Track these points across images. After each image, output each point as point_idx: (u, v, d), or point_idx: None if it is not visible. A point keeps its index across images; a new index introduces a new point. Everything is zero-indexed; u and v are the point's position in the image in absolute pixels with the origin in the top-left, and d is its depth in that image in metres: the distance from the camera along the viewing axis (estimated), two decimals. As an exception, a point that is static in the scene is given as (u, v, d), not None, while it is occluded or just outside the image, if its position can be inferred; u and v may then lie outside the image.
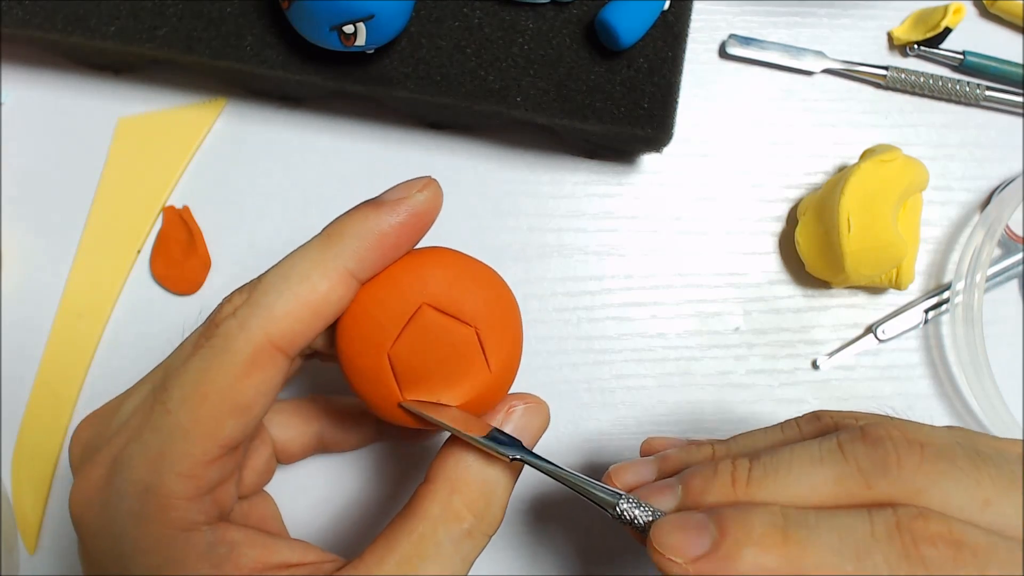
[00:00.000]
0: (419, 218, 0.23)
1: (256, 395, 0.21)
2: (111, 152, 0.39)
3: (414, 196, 0.23)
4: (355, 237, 0.22)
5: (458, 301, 0.23)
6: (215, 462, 0.21)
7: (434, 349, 0.23)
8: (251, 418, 0.22)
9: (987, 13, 0.41)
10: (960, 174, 0.40)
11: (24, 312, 0.37)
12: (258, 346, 0.21)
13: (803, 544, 0.19)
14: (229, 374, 0.21)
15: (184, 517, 0.21)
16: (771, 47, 0.40)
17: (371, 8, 0.31)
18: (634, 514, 0.22)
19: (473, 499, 0.22)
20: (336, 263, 0.22)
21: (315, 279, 0.21)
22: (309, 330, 0.22)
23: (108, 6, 0.35)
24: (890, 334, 0.38)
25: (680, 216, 0.39)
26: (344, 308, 0.23)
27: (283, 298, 0.21)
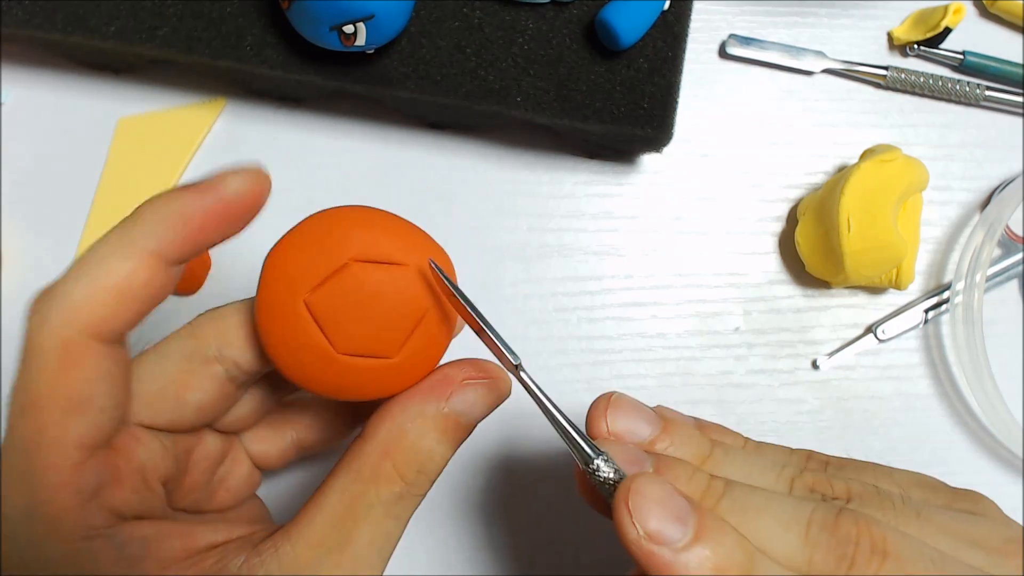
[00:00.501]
0: (231, 205, 0.22)
1: (86, 388, 0.20)
2: (111, 152, 0.39)
3: (228, 182, 0.22)
4: (158, 219, 0.21)
5: (387, 247, 0.23)
6: (83, 465, 0.20)
7: (364, 298, 0.22)
8: (97, 412, 0.20)
9: (987, 13, 0.41)
10: (960, 174, 0.40)
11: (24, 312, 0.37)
12: (64, 338, 0.20)
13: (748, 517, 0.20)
14: (46, 374, 0.20)
15: (77, 527, 0.20)
16: (771, 47, 0.40)
17: (371, 8, 0.31)
18: (606, 476, 0.21)
19: (405, 465, 0.22)
20: (136, 244, 0.21)
21: (112, 262, 0.21)
22: (119, 313, 0.21)
23: (108, 6, 0.35)
24: (890, 334, 0.38)
25: (680, 216, 0.39)
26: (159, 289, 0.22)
27: (79, 285, 0.20)
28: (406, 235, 0.24)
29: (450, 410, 0.23)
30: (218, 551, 0.22)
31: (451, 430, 0.23)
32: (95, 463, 0.21)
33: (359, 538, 0.21)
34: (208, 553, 0.22)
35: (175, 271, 0.22)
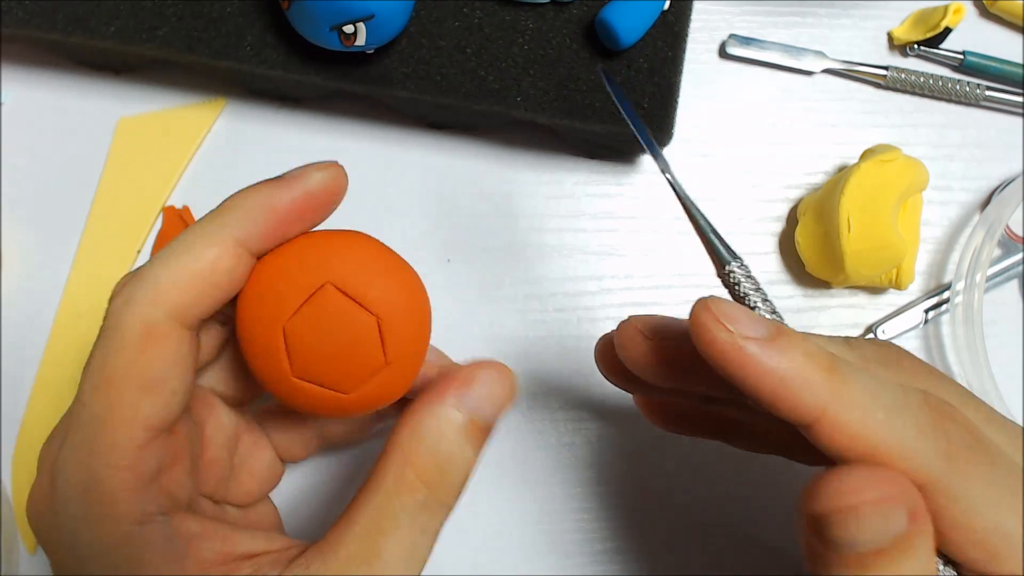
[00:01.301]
0: (314, 197, 0.23)
1: (163, 370, 0.21)
2: (111, 152, 0.39)
3: (311, 175, 0.23)
4: (245, 209, 0.22)
5: (364, 286, 0.23)
6: (147, 447, 0.21)
7: (332, 332, 0.22)
8: (169, 394, 0.21)
9: (987, 13, 0.41)
10: (960, 174, 0.40)
11: (24, 312, 0.37)
12: (148, 319, 0.21)
13: (845, 377, 0.20)
14: (126, 353, 0.20)
15: (133, 510, 0.20)
16: (771, 47, 0.40)
17: (371, 8, 0.31)
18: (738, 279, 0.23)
19: (426, 470, 0.22)
20: (223, 233, 0.22)
21: (200, 248, 0.21)
22: (203, 300, 0.21)
23: (108, 6, 0.35)
24: (890, 334, 0.38)
25: (680, 216, 0.39)
26: (239, 279, 0.22)
27: (167, 269, 0.21)
28: (387, 278, 0.24)
29: (463, 407, 0.23)
30: (253, 562, 0.22)
31: (468, 430, 0.23)
32: (158, 445, 0.21)
33: (386, 552, 0.21)
34: (243, 562, 0.22)
35: (253, 260, 0.23)
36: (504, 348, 0.38)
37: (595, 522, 0.36)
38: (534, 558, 0.36)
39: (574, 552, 0.36)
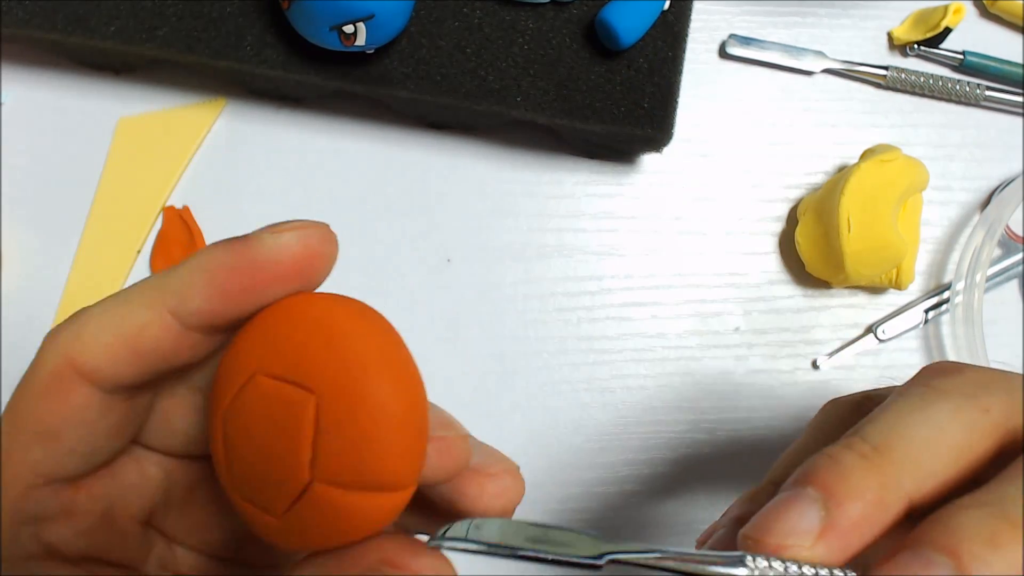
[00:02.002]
0: (266, 269, 0.18)
1: (60, 422, 0.19)
2: (111, 152, 0.39)
3: (265, 240, 0.19)
4: (188, 274, 0.19)
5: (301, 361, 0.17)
6: (32, 491, 0.19)
7: (265, 428, 0.17)
8: (66, 452, 0.19)
9: (987, 13, 0.41)
10: (960, 174, 0.40)
11: (24, 312, 0.37)
12: (57, 367, 0.19)
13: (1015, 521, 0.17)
14: (31, 395, 0.19)
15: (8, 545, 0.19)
16: (771, 47, 0.40)
17: (371, 8, 0.31)
18: None
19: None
20: (158, 297, 0.19)
21: (134, 309, 0.19)
22: (121, 364, 0.19)
23: (108, 6, 0.35)
24: (890, 334, 0.38)
25: (680, 216, 0.39)
26: (170, 352, 0.19)
27: (95, 322, 0.19)
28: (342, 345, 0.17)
29: None
30: None
31: None
32: (47, 494, 0.20)
33: None
34: None
35: (196, 337, 0.19)
36: (504, 348, 0.38)
37: (595, 522, 0.36)
38: (534, 558, 0.36)
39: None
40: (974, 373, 0.21)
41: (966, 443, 0.19)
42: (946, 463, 0.19)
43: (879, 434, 0.19)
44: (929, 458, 0.19)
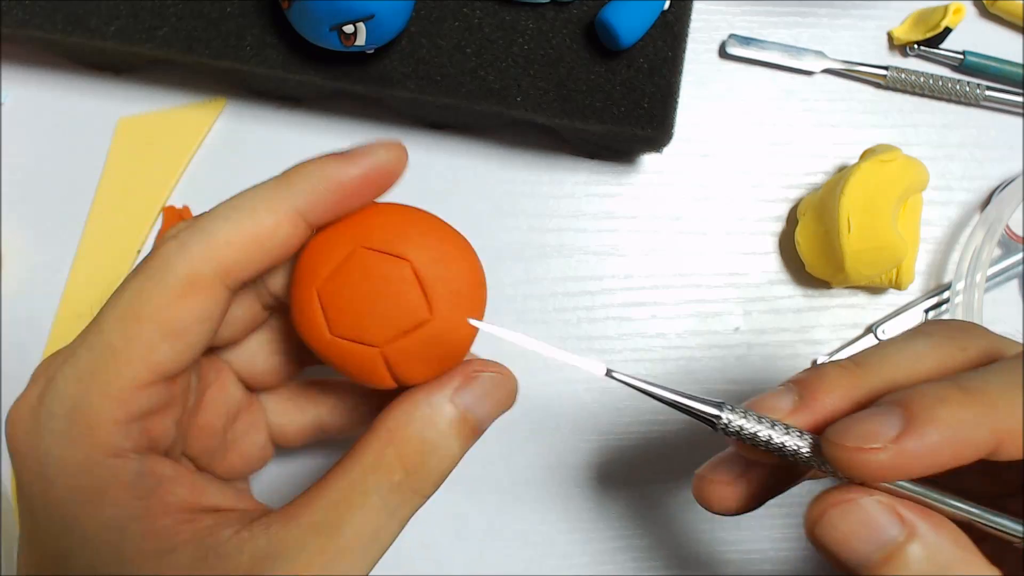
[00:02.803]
0: (378, 174, 0.23)
1: (191, 321, 0.21)
2: (111, 152, 0.39)
3: (377, 152, 0.23)
4: (310, 180, 0.22)
5: (395, 239, 0.23)
6: (146, 388, 0.21)
7: (368, 287, 0.22)
8: (186, 345, 0.21)
9: (987, 13, 0.41)
10: (960, 174, 0.40)
11: (24, 312, 0.37)
12: (196, 269, 0.21)
13: (983, 389, 0.19)
14: (164, 295, 0.21)
15: (110, 441, 0.20)
16: (771, 47, 0.40)
17: (371, 8, 0.31)
18: (739, 424, 0.21)
19: (407, 453, 0.22)
20: (286, 202, 0.22)
21: (262, 213, 0.21)
22: (251, 263, 0.21)
23: (108, 6, 0.35)
24: (890, 334, 0.38)
25: (680, 216, 0.39)
26: (291, 249, 0.23)
27: (227, 226, 0.21)
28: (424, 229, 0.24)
29: (459, 402, 0.22)
30: (217, 516, 0.22)
31: (458, 424, 0.22)
32: (157, 390, 0.21)
33: (348, 527, 0.21)
34: (207, 514, 0.21)
35: (307, 233, 0.23)
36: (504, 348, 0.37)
37: (594, 522, 0.36)
38: (533, 558, 0.36)
39: (574, 552, 0.36)
40: (959, 323, 0.23)
41: (939, 367, 0.22)
42: (915, 377, 0.21)
43: (862, 355, 0.22)
44: (902, 373, 0.22)
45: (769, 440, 0.21)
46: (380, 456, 0.22)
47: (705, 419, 0.21)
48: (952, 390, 0.19)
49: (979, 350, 0.22)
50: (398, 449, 0.22)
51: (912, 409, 0.19)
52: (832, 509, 0.20)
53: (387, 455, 0.21)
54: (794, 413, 0.21)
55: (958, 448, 0.19)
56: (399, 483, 0.21)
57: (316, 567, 0.20)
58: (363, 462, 0.22)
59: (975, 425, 0.19)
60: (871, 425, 0.19)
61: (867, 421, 0.19)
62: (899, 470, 0.19)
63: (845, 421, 0.20)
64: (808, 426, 0.21)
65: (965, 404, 0.19)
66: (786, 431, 0.21)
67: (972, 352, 0.22)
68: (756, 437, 0.21)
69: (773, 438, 0.21)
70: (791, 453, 0.21)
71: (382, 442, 0.22)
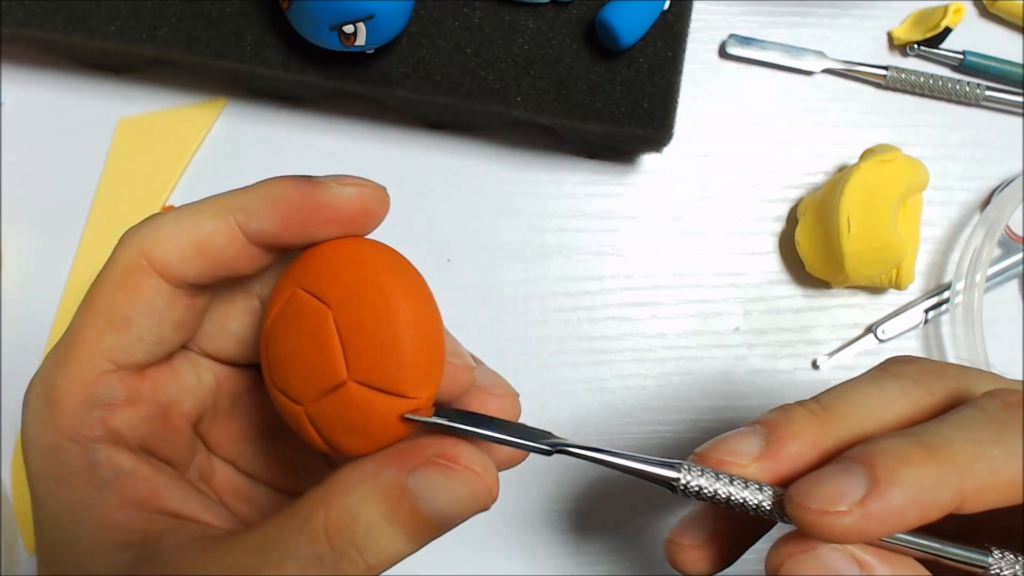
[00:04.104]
0: (321, 207, 0.21)
1: (133, 312, 0.21)
2: (111, 152, 0.39)
3: (332, 187, 0.22)
4: (258, 196, 0.22)
5: (325, 280, 0.20)
6: (104, 376, 0.21)
7: (296, 334, 0.20)
8: (135, 337, 0.21)
9: (987, 13, 0.41)
10: (960, 174, 0.40)
11: (24, 311, 0.37)
12: (132, 261, 0.21)
13: (946, 446, 0.19)
14: (107, 286, 0.21)
15: (69, 424, 0.21)
16: (771, 47, 0.40)
17: (371, 8, 0.31)
18: (698, 484, 0.20)
19: (336, 529, 0.18)
20: (228, 210, 0.22)
21: (204, 218, 0.21)
22: (189, 262, 0.21)
23: (108, 6, 0.35)
24: (890, 334, 0.38)
25: (680, 216, 0.39)
26: (231, 260, 0.22)
27: (170, 225, 0.22)
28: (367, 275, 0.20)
29: (409, 487, 0.19)
30: (172, 522, 0.21)
31: (405, 512, 0.19)
32: (116, 380, 0.22)
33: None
34: (164, 518, 0.21)
35: (255, 251, 0.22)
36: (504, 348, 0.38)
37: (595, 524, 0.36)
38: (533, 558, 0.36)
39: (574, 552, 0.36)
40: (927, 363, 0.23)
41: (908, 414, 0.22)
42: (884, 426, 0.21)
43: (829, 397, 0.22)
44: (870, 421, 0.21)
45: (729, 497, 0.20)
46: (309, 518, 0.19)
47: (664, 483, 0.20)
48: (916, 449, 0.19)
49: (946, 392, 0.22)
50: (328, 518, 0.19)
51: (876, 469, 0.19)
52: (790, 559, 0.20)
53: (315, 519, 0.19)
54: (759, 460, 0.21)
55: (922, 509, 0.19)
56: (320, 557, 0.18)
57: None
58: (296, 517, 0.19)
59: (939, 486, 0.19)
60: (835, 486, 0.19)
61: (831, 481, 0.19)
62: (864, 533, 0.19)
63: (809, 480, 0.20)
64: (772, 476, 0.21)
65: (929, 464, 0.19)
66: (745, 486, 0.20)
67: (939, 396, 0.22)
68: (716, 495, 0.20)
69: (733, 495, 0.20)
70: (752, 508, 0.20)
71: (317, 502, 0.19)
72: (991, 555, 0.20)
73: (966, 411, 0.21)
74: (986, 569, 0.20)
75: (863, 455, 0.20)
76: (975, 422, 0.20)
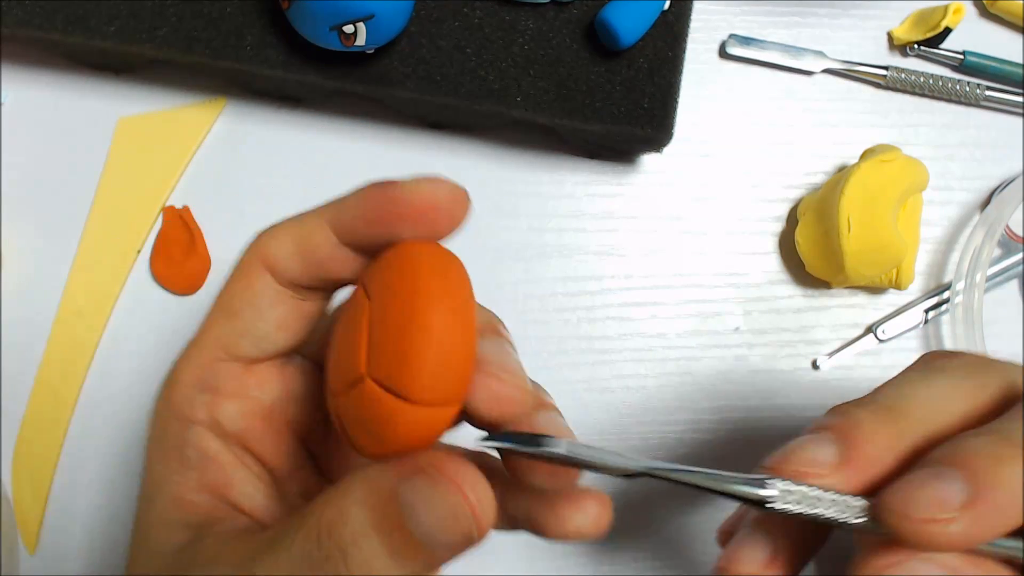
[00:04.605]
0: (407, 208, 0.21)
1: (240, 303, 0.23)
2: (111, 152, 0.39)
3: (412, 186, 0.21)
4: (350, 201, 0.22)
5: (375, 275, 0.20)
6: (214, 364, 0.23)
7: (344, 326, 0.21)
8: (243, 327, 0.23)
9: (987, 13, 0.41)
10: (960, 174, 0.40)
11: (24, 312, 0.37)
12: (251, 257, 0.23)
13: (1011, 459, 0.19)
14: (231, 280, 0.23)
15: (179, 403, 0.22)
16: (771, 47, 0.40)
17: (371, 8, 0.31)
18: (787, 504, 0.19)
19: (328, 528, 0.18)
20: (326, 209, 0.22)
21: (306, 219, 0.22)
22: (292, 261, 0.22)
23: (108, 6, 0.35)
24: (890, 334, 0.38)
25: (680, 216, 0.39)
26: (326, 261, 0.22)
27: (286, 227, 0.23)
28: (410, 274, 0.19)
29: (399, 495, 0.18)
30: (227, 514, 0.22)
31: (390, 523, 0.17)
32: (225, 369, 0.23)
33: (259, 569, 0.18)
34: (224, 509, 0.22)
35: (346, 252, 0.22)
36: (504, 348, 0.38)
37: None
38: (534, 558, 0.36)
39: (574, 552, 0.36)
40: (969, 356, 0.23)
41: (966, 409, 0.21)
42: (949, 422, 0.21)
43: (887, 398, 0.22)
44: (936, 419, 0.21)
45: (819, 516, 0.19)
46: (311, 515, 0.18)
47: (754, 502, 0.19)
48: (1006, 448, 0.19)
49: (998, 386, 0.22)
50: (323, 517, 0.18)
51: (974, 472, 0.18)
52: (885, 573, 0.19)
53: (313, 519, 0.18)
54: (841, 470, 0.20)
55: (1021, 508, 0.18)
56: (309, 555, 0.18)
57: None
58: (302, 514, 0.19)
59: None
60: (935, 492, 0.18)
61: (930, 488, 0.18)
62: (971, 539, 0.18)
63: (905, 488, 0.19)
64: (857, 486, 0.20)
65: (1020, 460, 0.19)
66: (834, 501, 0.19)
67: (991, 389, 0.21)
68: (805, 514, 0.19)
69: (824, 513, 0.19)
70: (840, 523, 0.19)
71: (322, 500, 0.19)
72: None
73: None
74: None
75: (954, 458, 0.19)
76: None
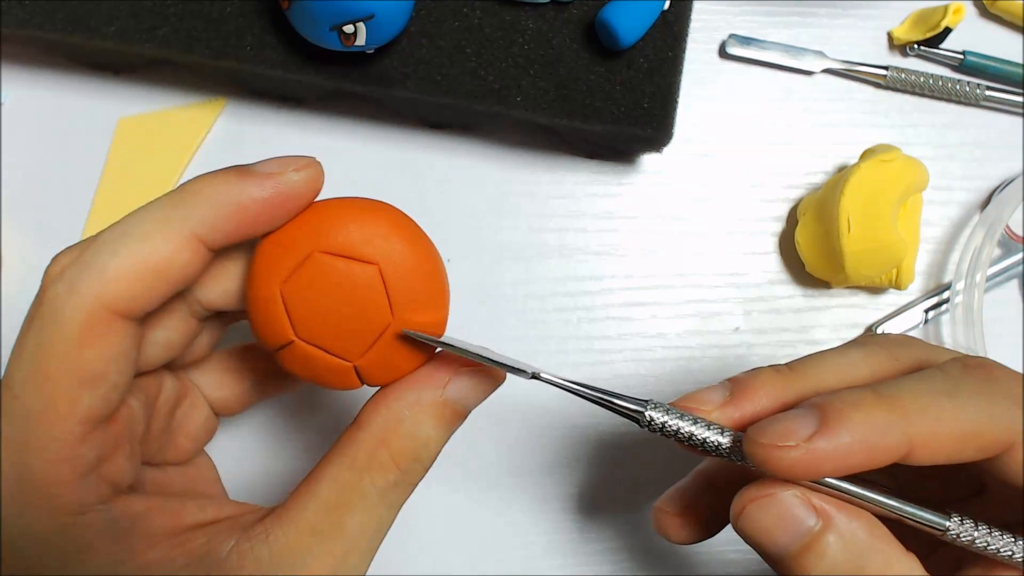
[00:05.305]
0: (287, 198, 0.22)
1: (104, 364, 0.20)
2: (111, 152, 0.39)
3: (288, 174, 0.22)
4: (210, 202, 0.21)
5: (359, 242, 0.22)
6: (84, 440, 0.20)
7: (336, 294, 0.22)
8: (109, 387, 0.20)
9: (987, 13, 0.41)
10: (960, 174, 0.40)
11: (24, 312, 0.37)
12: (91, 312, 0.20)
13: (898, 397, 0.20)
14: (65, 346, 0.20)
15: (71, 501, 0.20)
16: (771, 47, 0.40)
17: (371, 8, 0.31)
18: (662, 420, 0.22)
19: (402, 455, 0.22)
20: (183, 225, 0.20)
21: (157, 240, 0.20)
22: (151, 293, 0.20)
23: (108, 6, 0.35)
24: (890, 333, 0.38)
25: (680, 216, 0.39)
26: (192, 276, 0.21)
27: (118, 257, 0.20)
28: (386, 229, 0.23)
29: (447, 397, 0.23)
30: (206, 531, 0.21)
31: (447, 417, 0.23)
32: (97, 436, 0.20)
33: (352, 526, 0.21)
34: (195, 532, 0.21)
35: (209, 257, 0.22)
36: (504, 348, 0.37)
37: (595, 522, 0.36)
38: (533, 558, 0.36)
39: (573, 552, 0.36)
40: (896, 337, 0.25)
41: (871, 376, 0.23)
42: (846, 382, 0.22)
43: (798, 361, 0.24)
44: (831, 381, 0.23)
45: (691, 436, 0.22)
46: (373, 457, 0.22)
47: (631, 416, 0.22)
48: (867, 395, 0.20)
49: (911, 360, 0.23)
50: (392, 450, 0.22)
51: (827, 411, 0.20)
52: (751, 504, 0.21)
53: (380, 456, 0.22)
54: (723, 407, 0.22)
55: (869, 451, 0.20)
56: (395, 482, 0.22)
57: (325, 568, 0.21)
58: (357, 463, 0.22)
59: (886, 430, 0.20)
60: (788, 424, 0.20)
61: (784, 420, 0.20)
62: (810, 468, 0.20)
63: (765, 420, 0.21)
64: (734, 422, 0.22)
65: (879, 409, 0.20)
66: (707, 427, 0.22)
67: (904, 362, 0.23)
68: (679, 433, 0.22)
69: (695, 434, 0.22)
70: (712, 448, 0.22)
71: (374, 442, 0.22)
72: (950, 519, 0.21)
73: (927, 371, 0.22)
74: (944, 532, 0.21)
75: (818, 400, 0.21)
76: (932, 378, 0.21)
